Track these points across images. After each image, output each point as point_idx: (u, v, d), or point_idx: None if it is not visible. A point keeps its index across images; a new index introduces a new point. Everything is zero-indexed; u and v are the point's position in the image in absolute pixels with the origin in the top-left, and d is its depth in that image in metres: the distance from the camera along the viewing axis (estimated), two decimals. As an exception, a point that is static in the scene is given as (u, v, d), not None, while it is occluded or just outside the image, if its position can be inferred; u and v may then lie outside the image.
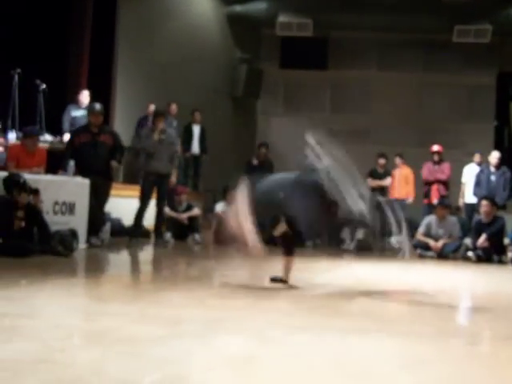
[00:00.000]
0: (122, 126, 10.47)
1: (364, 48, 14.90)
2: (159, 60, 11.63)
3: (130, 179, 10.35)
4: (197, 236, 9.43)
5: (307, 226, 4.26)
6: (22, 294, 3.87)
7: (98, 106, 7.98)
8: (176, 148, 8.69)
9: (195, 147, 11.48)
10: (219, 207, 9.83)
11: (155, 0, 11.87)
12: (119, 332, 2.77)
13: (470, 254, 8.13)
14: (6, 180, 6.30)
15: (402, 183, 11.21)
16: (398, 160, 11.46)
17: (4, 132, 8.48)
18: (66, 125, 9.32)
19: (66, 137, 8.65)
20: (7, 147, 8.02)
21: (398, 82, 14.83)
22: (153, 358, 2.33)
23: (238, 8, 13.88)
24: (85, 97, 9.38)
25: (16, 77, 8.44)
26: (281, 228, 4.29)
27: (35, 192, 6.40)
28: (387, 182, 11.13)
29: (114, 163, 7.74)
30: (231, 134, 13.82)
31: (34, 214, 6.26)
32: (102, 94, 10.04)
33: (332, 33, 14.70)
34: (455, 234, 8.65)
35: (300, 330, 3.04)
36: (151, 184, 8.21)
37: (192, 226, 9.53)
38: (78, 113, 9.19)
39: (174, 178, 8.55)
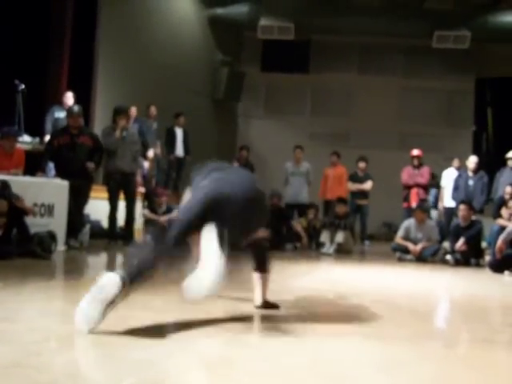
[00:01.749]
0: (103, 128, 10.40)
1: (345, 52, 15.02)
2: (140, 62, 11.60)
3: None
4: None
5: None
6: (-2, 296, 3.82)
7: (76, 107, 7.97)
8: (138, 147, 8.62)
9: (179, 150, 11.46)
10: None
11: (137, 2, 11.85)
12: (96, 335, 2.76)
13: (449, 257, 8.21)
14: None
15: (336, 183, 11.01)
16: (334, 158, 11.19)
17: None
18: (48, 126, 9.26)
19: (48, 138, 8.58)
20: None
21: (379, 86, 14.95)
22: (129, 362, 2.32)
23: (219, 11, 13.89)
24: (68, 98, 9.33)
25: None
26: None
27: (16, 198, 6.28)
28: (368, 185, 11.20)
29: (89, 164, 7.68)
30: (212, 136, 13.82)
31: (17, 217, 6.19)
32: (83, 95, 9.99)
33: (313, 36, 14.79)
34: (434, 237, 8.72)
35: (278, 334, 3.04)
36: (116, 183, 8.14)
37: (172, 228, 9.51)
38: (62, 114, 9.13)
39: (138, 178, 8.52)
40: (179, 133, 11.47)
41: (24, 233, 6.23)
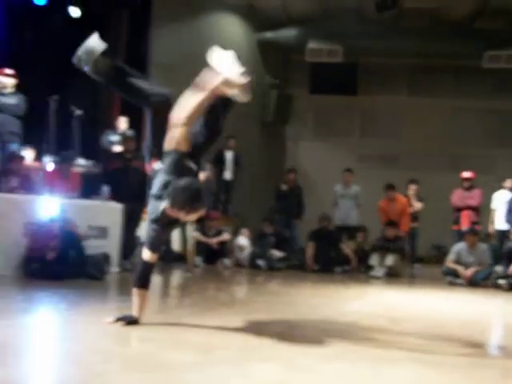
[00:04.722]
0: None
1: (394, 73, 14.98)
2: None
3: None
4: (226, 261, 9.50)
5: None
6: (61, 318, 3.96)
7: (129, 132, 8.19)
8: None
9: (228, 173, 11.58)
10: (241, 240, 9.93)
11: (188, 26, 12.11)
12: (155, 357, 2.84)
13: (502, 281, 8.05)
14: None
15: (400, 218, 10.19)
16: (391, 194, 10.28)
17: (40, 156, 8.70)
18: (103, 148, 9.55)
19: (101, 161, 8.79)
20: (43, 172, 8.22)
21: (428, 108, 14.84)
22: (189, 385, 2.39)
23: (268, 35, 14.07)
24: (121, 123, 9.59)
25: (52, 103, 8.66)
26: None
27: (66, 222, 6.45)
28: (418, 206, 11.03)
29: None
30: (261, 158, 13.92)
31: (70, 239, 6.38)
32: (135, 120, 10.24)
33: (362, 58, 14.80)
34: (486, 261, 8.58)
35: (332, 358, 3.07)
36: None
37: (222, 250, 9.61)
38: (115, 138, 9.37)
39: None
40: (229, 156, 11.60)
41: (80, 254, 6.42)
